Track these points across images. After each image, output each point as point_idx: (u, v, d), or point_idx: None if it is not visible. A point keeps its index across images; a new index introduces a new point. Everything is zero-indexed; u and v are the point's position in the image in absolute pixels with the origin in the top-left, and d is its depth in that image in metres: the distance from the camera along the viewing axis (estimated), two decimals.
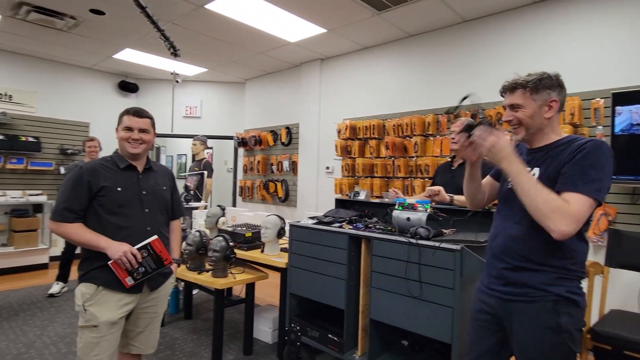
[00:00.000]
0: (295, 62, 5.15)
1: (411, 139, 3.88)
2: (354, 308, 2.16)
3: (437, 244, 1.76)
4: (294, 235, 2.43)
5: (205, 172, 4.27)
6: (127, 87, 6.05)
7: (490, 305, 1.38)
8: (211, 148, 6.97)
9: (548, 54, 3.16)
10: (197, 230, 2.77)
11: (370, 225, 2.23)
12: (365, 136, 4.24)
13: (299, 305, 2.51)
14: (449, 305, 1.71)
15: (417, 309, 1.81)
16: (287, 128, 5.30)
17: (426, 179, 3.70)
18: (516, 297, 1.30)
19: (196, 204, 3.97)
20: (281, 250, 2.77)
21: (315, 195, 4.92)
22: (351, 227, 2.23)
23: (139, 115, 1.75)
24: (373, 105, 4.37)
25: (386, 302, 1.94)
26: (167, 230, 1.90)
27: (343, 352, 2.15)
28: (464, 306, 1.72)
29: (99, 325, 1.60)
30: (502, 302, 1.34)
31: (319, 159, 4.91)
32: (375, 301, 1.99)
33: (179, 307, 3.56)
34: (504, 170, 1.27)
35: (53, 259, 4.74)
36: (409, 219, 1.97)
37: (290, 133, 5.27)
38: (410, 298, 1.83)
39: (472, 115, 2.08)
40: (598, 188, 1.18)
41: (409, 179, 3.91)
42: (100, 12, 3.70)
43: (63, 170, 5.08)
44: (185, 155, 7.62)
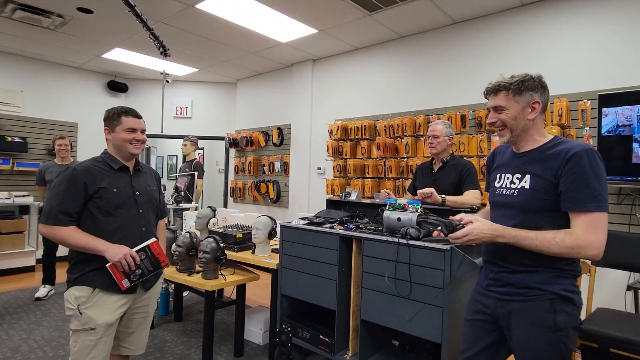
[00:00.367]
0: (286, 63, 5.15)
1: (402, 140, 3.90)
2: (345, 309, 2.16)
3: (427, 244, 1.77)
4: (285, 236, 2.43)
5: (196, 173, 4.24)
6: (117, 87, 5.98)
7: (487, 306, 1.40)
8: (202, 149, 6.93)
9: (536, 56, 3.20)
10: (188, 232, 2.75)
11: (361, 226, 2.23)
12: (356, 137, 4.25)
13: (290, 307, 2.50)
14: (439, 305, 1.71)
15: (408, 309, 1.82)
16: (279, 129, 5.29)
17: None
18: (513, 297, 1.32)
19: (187, 205, 3.94)
20: (272, 251, 2.76)
21: (306, 196, 4.92)
22: (342, 228, 2.22)
23: (138, 116, 1.77)
24: (364, 106, 4.39)
25: (377, 303, 1.94)
26: (156, 229, 1.89)
27: (334, 353, 2.15)
28: (454, 306, 1.73)
29: (97, 328, 1.59)
30: (500, 302, 1.35)
31: (310, 160, 4.90)
32: (366, 302, 1.99)
33: (169, 309, 3.53)
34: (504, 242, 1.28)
35: (40, 261, 4.65)
36: (399, 219, 1.97)
37: (281, 134, 5.26)
38: (401, 298, 1.84)
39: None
40: (604, 199, 1.22)
41: (400, 180, 3.93)
42: (88, 11, 3.65)
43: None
44: (176, 156, 7.55)
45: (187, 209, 3.84)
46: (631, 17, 2.78)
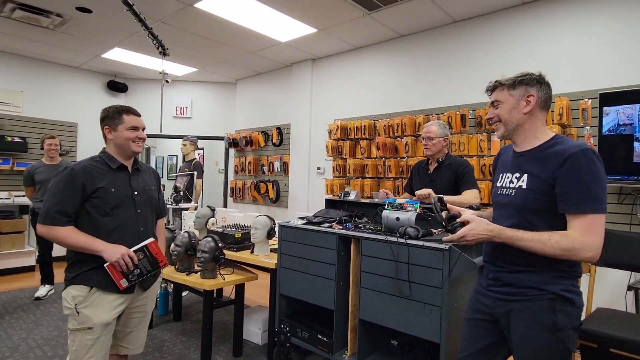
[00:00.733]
0: (286, 62, 5.14)
1: (402, 140, 3.88)
2: (344, 308, 2.15)
3: (426, 244, 1.76)
4: (284, 235, 2.42)
5: (195, 173, 4.23)
6: (116, 87, 5.97)
7: (487, 305, 1.39)
8: (202, 149, 6.92)
9: (537, 55, 3.18)
10: (186, 231, 2.75)
11: (360, 226, 2.22)
12: (356, 136, 4.24)
13: (288, 306, 2.50)
14: (438, 305, 1.70)
15: (406, 308, 1.81)
16: (278, 128, 5.28)
17: None
18: (513, 297, 1.31)
19: (186, 205, 3.94)
20: (271, 250, 2.75)
21: (306, 196, 4.91)
22: (341, 227, 2.22)
23: (138, 114, 1.78)
24: (364, 106, 4.38)
25: (375, 302, 1.93)
26: (155, 229, 1.89)
27: (333, 353, 2.14)
28: (452, 305, 1.72)
29: (94, 327, 1.59)
30: (499, 302, 1.35)
31: (310, 160, 4.89)
32: (365, 301, 1.98)
33: (168, 309, 3.52)
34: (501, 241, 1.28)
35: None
36: (398, 218, 1.97)
37: (281, 133, 5.25)
38: (400, 298, 1.83)
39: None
40: (602, 200, 1.20)
41: (400, 179, 3.92)
42: (87, 10, 3.65)
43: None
44: (176, 156, 7.55)
45: (187, 209, 3.84)
46: (632, 15, 2.77)
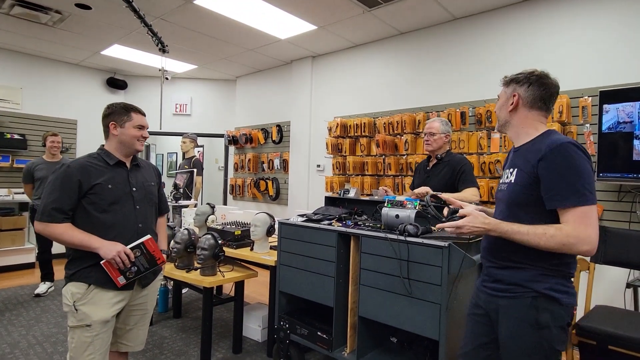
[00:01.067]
0: (286, 60, 5.13)
1: (402, 137, 3.88)
2: (343, 305, 2.15)
3: (425, 241, 1.76)
4: (284, 233, 2.42)
5: (195, 170, 4.23)
6: (116, 84, 5.96)
7: (482, 301, 1.41)
8: (202, 146, 6.91)
9: (537, 52, 3.18)
10: (186, 229, 2.75)
11: (359, 223, 2.22)
12: (356, 134, 4.24)
13: (288, 303, 2.50)
14: (437, 302, 1.71)
15: (405, 306, 1.81)
16: (278, 126, 5.27)
17: None
18: (501, 293, 1.32)
19: (186, 202, 3.94)
20: (271, 248, 2.76)
21: (306, 194, 4.91)
22: (340, 225, 2.22)
23: (144, 113, 1.81)
24: (364, 103, 4.37)
25: (375, 300, 1.94)
26: (155, 226, 1.88)
27: (332, 350, 2.15)
28: (451, 303, 1.73)
29: (92, 325, 1.59)
30: (490, 298, 1.37)
31: (310, 157, 4.89)
32: (364, 298, 1.99)
33: (167, 306, 3.53)
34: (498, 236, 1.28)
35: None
36: (397, 216, 1.97)
37: (281, 131, 5.25)
38: (399, 295, 1.83)
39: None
40: (587, 191, 1.18)
41: (400, 177, 3.92)
42: (86, 7, 3.64)
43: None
44: (176, 153, 7.53)
45: (186, 206, 3.84)
46: (633, 13, 2.76)
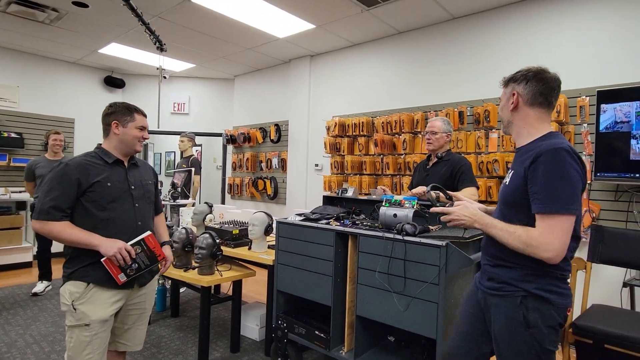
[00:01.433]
0: (284, 59, 5.12)
1: (400, 137, 3.88)
2: (341, 305, 2.16)
3: (423, 240, 1.77)
4: (281, 232, 2.42)
5: (193, 169, 4.22)
6: (113, 83, 5.94)
7: (478, 297, 1.43)
8: (200, 145, 6.90)
9: (534, 52, 3.18)
10: (184, 228, 2.74)
11: (357, 222, 2.22)
12: (354, 133, 4.24)
13: (286, 303, 2.50)
14: (434, 301, 1.71)
15: (403, 305, 1.81)
16: (276, 125, 5.27)
17: None
18: (493, 291, 1.34)
19: (184, 201, 3.93)
20: (268, 247, 2.75)
21: (304, 193, 4.91)
22: (338, 224, 2.22)
23: (146, 115, 1.82)
24: (362, 103, 4.37)
25: (372, 299, 1.94)
26: (153, 224, 1.89)
27: (330, 349, 2.15)
28: (449, 302, 1.73)
29: (91, 324, 1.58)
30: (484, 295, 1.38)
31: (308, 156, 4.89)
32: (362, 298, 1.99)
33: (165, 305, 3.53)
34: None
35: (36, 257, 4.65)
36: (395, 215, 1.97)
37: (279, 130, 5.24)
38: (396, 294, 1.83)
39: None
40: (566, 201, 1.17)
41: (398, 176, 3.92)
42: (83, 5, 3.62)
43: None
44: (174, 152, 7.52)
45: (184, 205, 3.83)
46: (630, 14, 2.77)
